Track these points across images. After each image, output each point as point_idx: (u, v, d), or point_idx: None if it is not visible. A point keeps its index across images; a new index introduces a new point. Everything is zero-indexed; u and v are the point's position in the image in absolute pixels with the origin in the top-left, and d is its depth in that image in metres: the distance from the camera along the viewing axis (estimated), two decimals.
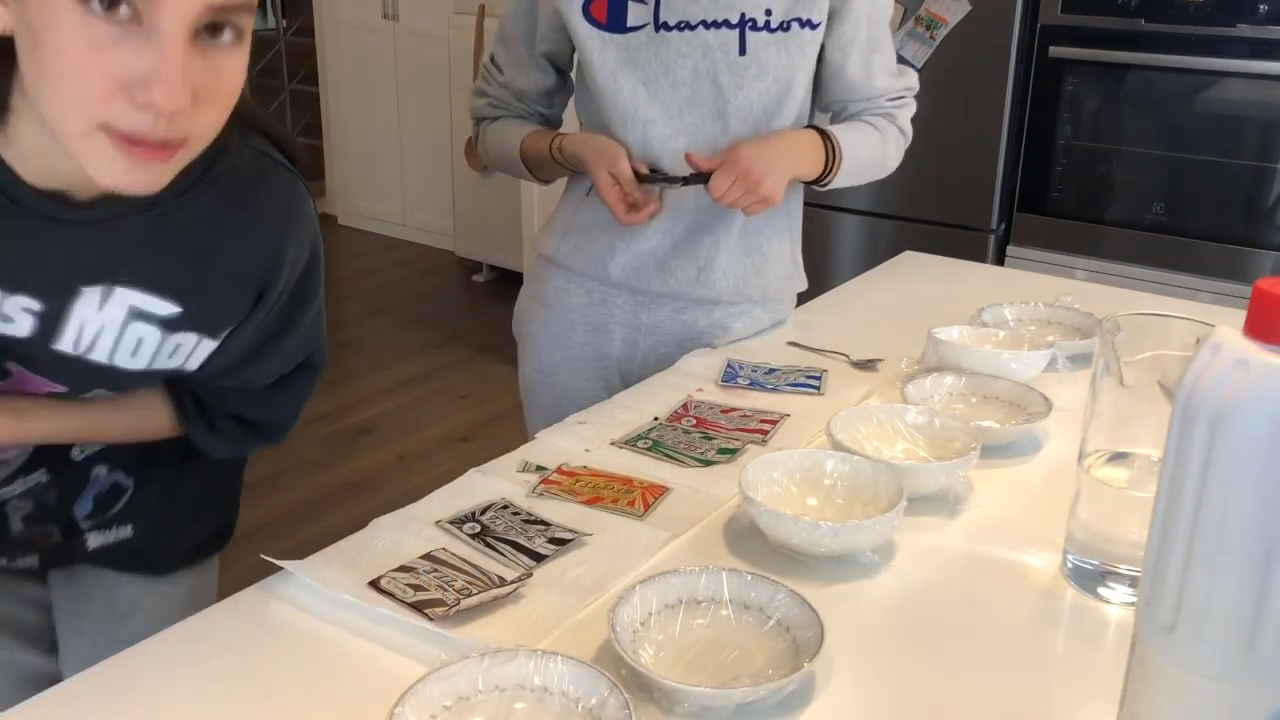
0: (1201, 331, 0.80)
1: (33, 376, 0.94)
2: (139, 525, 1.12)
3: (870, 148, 1.47)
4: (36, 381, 0.95)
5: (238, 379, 1.04)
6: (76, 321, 0.90)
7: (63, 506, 1.07)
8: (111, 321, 0.91)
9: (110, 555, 1.12)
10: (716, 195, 1.32)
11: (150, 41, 0.71)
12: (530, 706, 0.74)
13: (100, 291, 0.90)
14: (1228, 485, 0.55)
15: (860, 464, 1.03)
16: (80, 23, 0.70)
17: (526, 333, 1.59)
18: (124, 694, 0.79)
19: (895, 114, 1.50)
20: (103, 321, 0.91)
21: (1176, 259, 2.59)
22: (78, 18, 0.70)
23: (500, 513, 1.02)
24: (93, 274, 0.89)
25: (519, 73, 1.49)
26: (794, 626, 0.82)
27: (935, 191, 2.78)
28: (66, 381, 0.96)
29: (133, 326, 0.92)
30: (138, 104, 0.72)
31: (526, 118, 1.52)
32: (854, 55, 1.43)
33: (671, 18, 1.35)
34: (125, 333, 0.92)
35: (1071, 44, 2.59)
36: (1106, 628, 0.88)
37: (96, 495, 1.09)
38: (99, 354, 0.93)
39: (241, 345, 0.99)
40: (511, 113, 1.52)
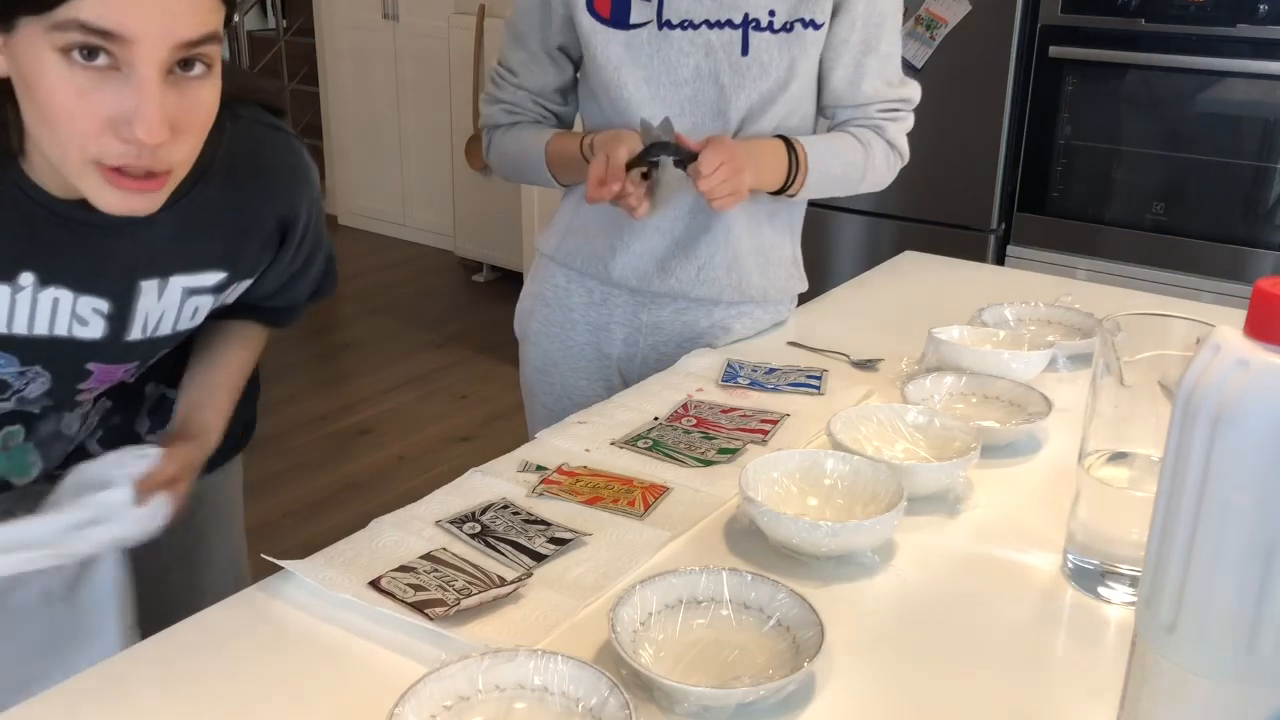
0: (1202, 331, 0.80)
1: (108, 367, 1.04)
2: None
3: (846, 160, 1.43)
4: (112, 370, 1.05)
5: (279, 299, 1.16)
6: (141, 315, 1.01)
7: (127, 426, 1.18)
8: (171, 305, 1.02)
9: None
10: (706, 172, 1.27)
11: (129, 83, 0.79)
12: (530, 706, 0.74)
13: (157, 285, 0.99)
14: (1228, 485, 0.55)
15: (860, 464, 1.03)
16: (65, 72, 0.78)
17: (527, 331, 1.59)
18: (124, 693, 0.79)
19: (885, 126, 1.45)
20: (163, 308, 1.01)
21: (1177, 259, 2.59)
22: (63, 68, 0.78)
23: (500, 513, 1.03)
24: (145, 269, 0.98)
25: (533, 71, 1.46)
26: (794, 626, 0.82)
27: (935, 191, 2.78)
28: (137, 358, 1.06)
29: (190, 301, 1.03)
30: (123, 140, 0.80)
31: (541, 121, 1.50)
32: (844, 57, 1.40)
33: (674, 16, 1.34)
34: (184, 309, 1.03)
35: (1071, 44, 2.59)
36: (1107, 628, 0.88)
37: (150, 410, 1.20)
38: (164, 331, 1.04)
39: (278, 276, 1.11)
40: (527, 117, 1.49)
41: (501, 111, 1.50)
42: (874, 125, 1.45)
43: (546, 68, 1.46)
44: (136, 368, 1.09)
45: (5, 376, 1.00)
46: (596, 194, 1.30)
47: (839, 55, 1.40)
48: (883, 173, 1.48)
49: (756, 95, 1.37)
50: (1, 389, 1.01)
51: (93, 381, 1.05)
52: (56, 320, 0.97)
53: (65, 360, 1.01)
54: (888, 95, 1.44)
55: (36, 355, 0.99)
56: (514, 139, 1.49)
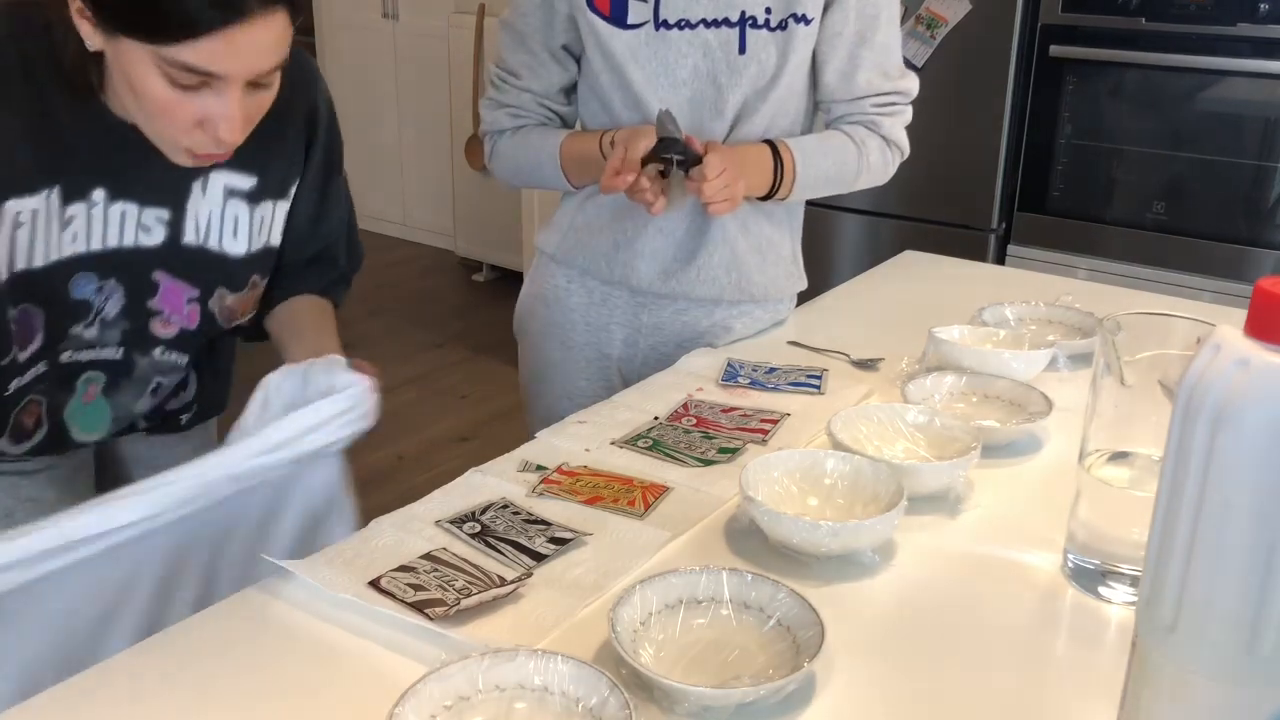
0: (1202, 331, 0.80)
1: (174, 281, 1.15)
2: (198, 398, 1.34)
3: (838, 159, 1.42)
4: (179, 287, 1.16)
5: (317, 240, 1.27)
6: (193, 213, 1.13)
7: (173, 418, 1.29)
8: (214, 203, 1.14)
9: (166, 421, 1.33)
10: (711, 176, 1.27)
11: (217, 97, 0.96)
12: (531, 706, 0.74)
13: (201, 181, 1.13)
14: (1228, 485, 0.55)
15: (861, 463, 1.03)
16: (164, 85, 0.94)
17: (527, 331, 1.59)
18: (125, 693, 0.79)
19: (880, 121, 1.43)
20: (210, 206, 1.14)
21: (1177, 258, 2.59)
22: (163, 82, 0.94)
23: (500, 512, 1.02)
24: (194, 170, 1.11)
25: (537, 72, 1.45)
26: (794, 626, 0.82)
27: (936, 191, 2.78)
28: (198, 282, 1.17)
29: (229, 205, 1.15)
30: (210, 137, 0.98)
31: (547, 123, 1.48)
32: (839, 49, 1.39)
33: (672, 16, 1.34)
34: (225, 213, 1.15)
35: (1072, 43, 2.59)
36: (1107, 627, 0.88)
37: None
38: (213, 240, 1.15)
39: (307, 202, 1.23)
40: (532, 120, 1.47)
41: (506, 115, 1.48)
42: (868, 121, 1.44)
43: (550, 67, 1.44)
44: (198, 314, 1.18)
45: (86, 296, 1.11)
46: (610, 183, 1.29)
47: (833, 48, 1.40)
48: (879, 169, 1.47)
49: (754, 94, 1.37)
50: (84, 311, 1.11)
51: (161, 302, 1.15)
52: (125, 231, 1.10)
53: (134, 271, 1.12)
54: (883, 87, 1.43)
55: (110, 268, 1.11)
56: (521, 142, 1.47)
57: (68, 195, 1.04)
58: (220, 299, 1.19)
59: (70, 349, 1.12)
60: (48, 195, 1.03)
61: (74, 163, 1.04)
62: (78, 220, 1.06)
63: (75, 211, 1.06)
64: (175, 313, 1.17)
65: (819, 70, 1.43)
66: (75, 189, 1.05)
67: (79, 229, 1.07)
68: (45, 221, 1.04)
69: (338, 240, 1.31)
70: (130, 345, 1.16)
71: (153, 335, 1.17)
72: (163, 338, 1.18)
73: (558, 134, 1.45)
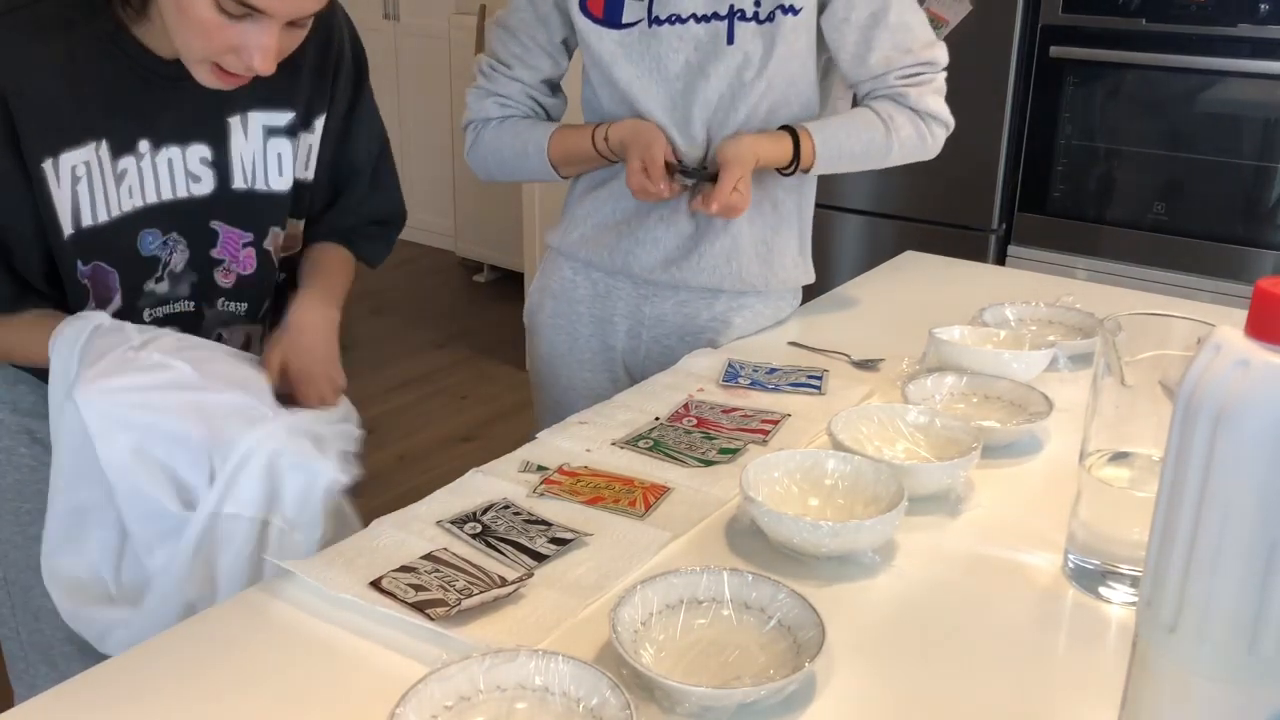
0: (1203, 331, 0.80)
1: (230, 229, 1.20)
2: None
3: (864, 136, 1.42)
4: (234, 235, 1.20)
5: (344, 167, 1.30)
6: (236, 155, 1.17)
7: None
8: (257, 145, 1.19)
9: None
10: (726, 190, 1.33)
11: (257, 28, 1.00)
12: (531, 706, 0.74)
13: (239, 120, 1.16)
14: (1229, 485, 0.55)
15: (861, 464, 1.03)
16: (211, 10, 0.98)
17: (536, 323, 1.61)
18: (126, 693, 0.79)
19: (906, 93, 1.42)
20: (253, 149, 1.18)
21: (1177, 259, 2.59)
22: (211, 8, 0.98)
23: (501, 513, 1.03)
24: (229, 106, 1.15)
25: (527, 63, 1.48)
26: (795, 626, 0.82)
27: (936, 191, 2.78)
28: (251, 225, 1.21)
29: (271, 143, 1.20)
30: (242, 62, 1.02)
31: (532, 115, 1.51)
32: (848, 36, 1.40)
33: (663, 11, 1.37)
34: (268, 152, 1.20)
35: (1072, 44, 2.59)
36: (1108, 628, 0.88)
37: None
38: (259, 181, 1.20)
39: (335, 126, 1.26)
40: (519, 111, 1.50)
41: (494, 104, 1.50)
42: (894, 94, 1.43)
43: (541, 60, 1.48)
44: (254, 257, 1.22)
45: (155, 251, 1.15)
46: (643, 191, 1.38)
47: (842, 35, 1.40)
48: (915, 144, 1.46)
49: (738, 82, 1.38)
50: (154, 267, 1.16)
51: (222, 250, 1.20)
52: (176, 180, 1.14)
53: (193, 223, 1.17)
54: (904, 61, 1.41)
55: (171, 221, 1.15)
56: (508, 133, 1.49)
57: (116, 149, 1.08)
58: (274, 239, 1.24)
59: (148, 305, 1.17)
60: (96, 148, 1.07)
61: (113, 110, 1.07)
62: (130, 174, 1.11)
63: (126, 165, 1.10)
64: (233, 260, 1.21)
65: (835, 57, 1.44)
66: (122, 141, 1.09)
67: (133, 182, 1.11)
68: (100, 175, 1.08)
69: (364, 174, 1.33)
70: (199, 297, 1.21)
71: (217, 285, 1.21)
72: (224, 287, 1.22)
73: (546, 126, 1.49)
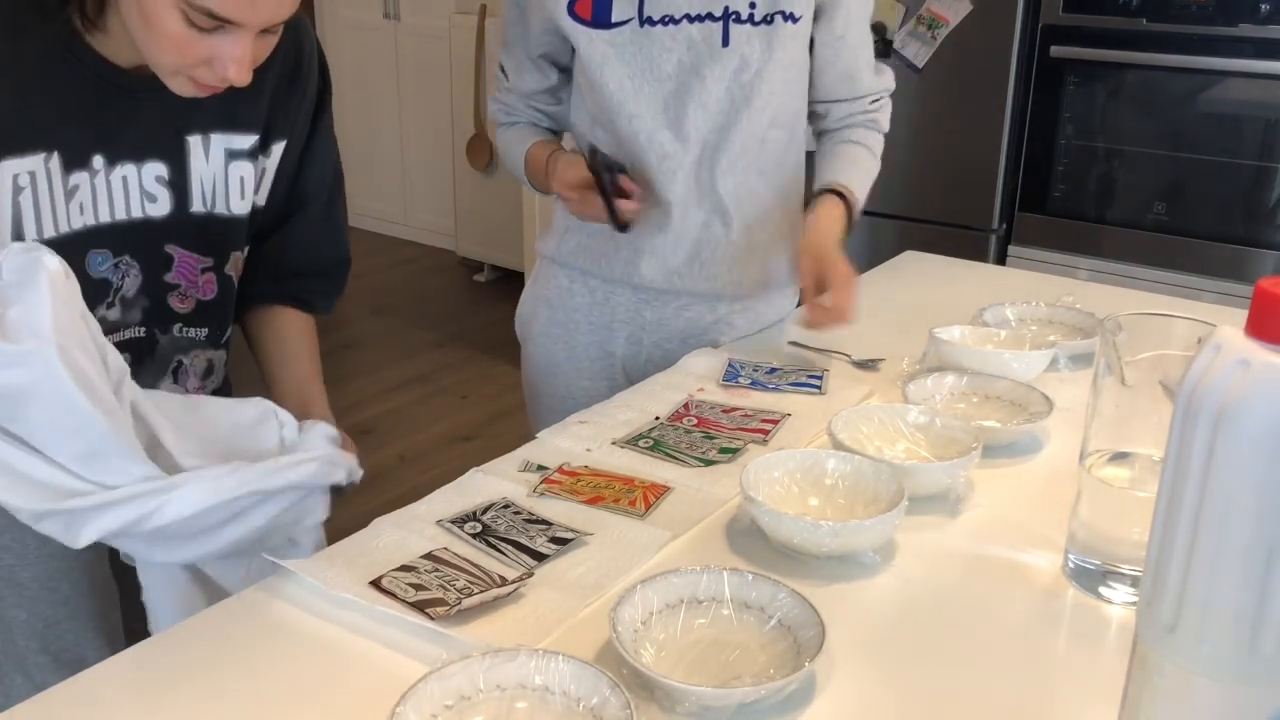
0: (1203, 331, 0.80)
1: (186, 254, 1.16)
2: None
3: (870, 171, 1.51)
4: (191, 260, 1.17)
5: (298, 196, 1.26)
6: (196, 177, 1.14)
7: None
8: (218, 167, 1.15)
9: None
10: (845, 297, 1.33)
11: (230, 39, 0.97)
12: (532, 706, 0.74)
13: (201, 142, 1.13)
14: (1229, 485, 0.55)
15: (861, 464, 1.03)
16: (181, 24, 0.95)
17: (530, 333, 1.59)
18: (126, 693, 0.79)
19: (879, 118, 1.52)
20: (213, 171, 1.15)
21: (1178, 259, 2.59)
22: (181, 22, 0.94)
23: (502, 512, 1.03)
24: (189, 125, 1.12)
25: (521, 76, 1.52)
26: (795, 626, 0.82)
27: (937, 191, 2.78)
28: (211, 250, 1.18)
29: (232, 167, 1.16)
30: (216, 74, 0.99)
31: (536, 123, 1.55)
32: (844, 52, 1.44)
33: (655, 12, 1.36)
34: (229, 175, 1.16)
35: (1073, 44, 2.59)
36: (1108, 628, 0.88)
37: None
38: (220, 205, 1.16)
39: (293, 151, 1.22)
40: (521, 118, 1.55)
41: (500, 111, 1.57)
42: (869, 120, 1.51)
43: (532, 73, 1.50)
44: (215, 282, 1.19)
45: (104, 274, 1.11)
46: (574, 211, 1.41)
47: (839, 50, 1.44)
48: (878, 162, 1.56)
49: (737, 87, 1.38)
50: (104, 291, 1.12)
51: (177, 275, 1.16)
52: (130, 200, 1.11)
53: (146, 246, 1.13)
54: (877, 86, 1.51)
55: (123, 243, 1.11)
56: (507, 140, 1.56)
57: (68, 162, 1.05)
58: (235, 263, 1.21)
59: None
60: (46, 159, 1.03)
61: (66, 120, 1.04)
62: (82, 190, 1.07)
63: (78, 180, 1.06)
64: (191, 285, 1.18)
65: (823, 70, 1.46)
66: (75, 155, 1.05)
67: (85, 199, 1.07)
68: (48, 188, 1.04)
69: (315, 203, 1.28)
70: (151, 323, 1.17)
71: (171, 310, 1.17)
72: (180, 313, 1.18)
73: (528, 140, 1.52)
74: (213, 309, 1.21)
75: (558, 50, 1.47)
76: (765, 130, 1.42)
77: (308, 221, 1.28)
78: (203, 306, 1.20)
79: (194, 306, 1.19)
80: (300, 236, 1.28)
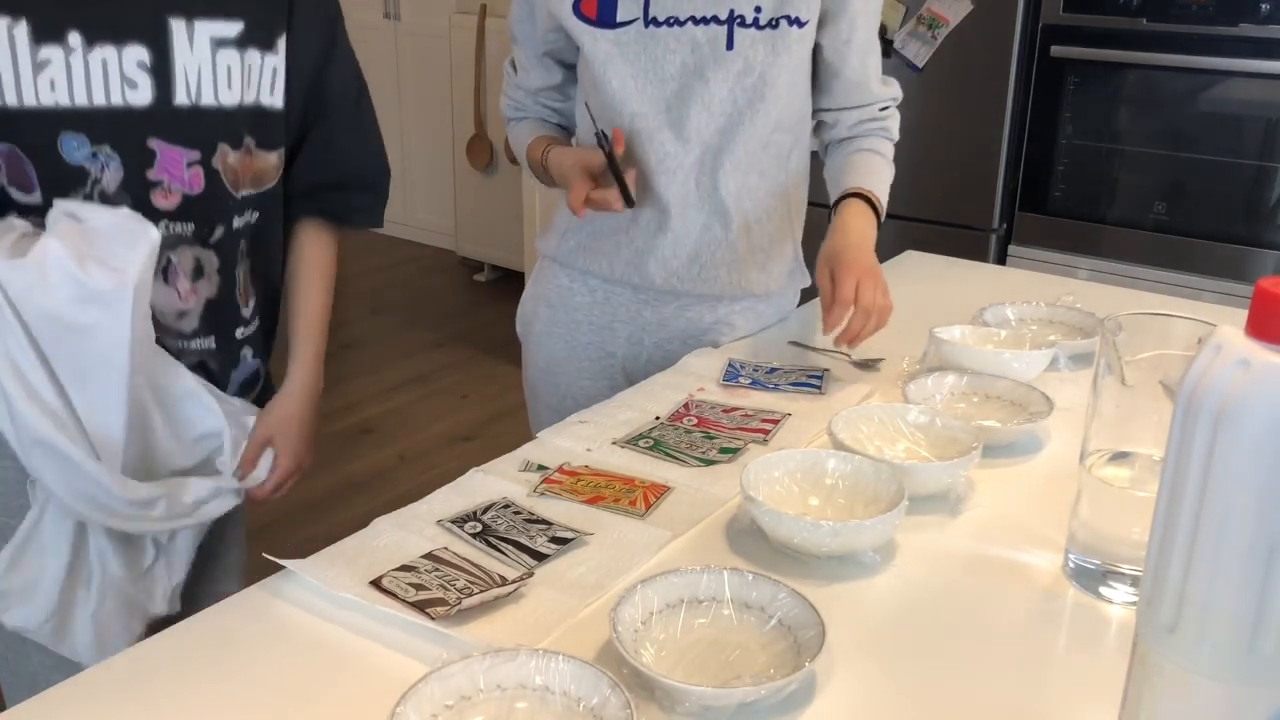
0: (1203, 331, 0.80)
1: (170, 148, 1.14)
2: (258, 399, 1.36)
3: (887, 178, 1.51)
4: (175, 154, 1.14)
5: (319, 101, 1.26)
6: (180, 66, 1.12)
7: (220, 378, 1.27)
8: (204, 56, 1.13)
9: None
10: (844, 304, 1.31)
11: None
12: (532, 706, 0.74)
13: (185, 27, 1.11)
14: (1229, 485, 0.55)
15: (862, 463, 1.03)
16: None
17: (530, 332, 1.59)
18: (127, 692, 0.79)
19: (890, 126, 1.52)
20: (198, 61, 1.13)
21: (1178, 259, 2.59)
22: None
23: (502, 512, 1.03)
24: (169, 5, 1.10)
25: (529, 72, 1.53)
26: (795, 626, 0.82)
27: (937, 191, 2.78)
28: (197, 144, 1.15)
29: (220, 55, 1.14)
30: None
31: (545, 118, 1.57)
32: (850, 57, 1.44)
33: (661, 13, 1.36)
34: (217, 65, 1.14)
35: (1073, 43, 2.59)
36: (1108, 627, 0.88)
37: (243, 381, 1.31)
38: (206, 95, 1.14)
39: (305, 54, 1.22)
40: (529, 114, 1.57)
41: (509, 106, 1.59)
42: (881, 126, 1.51)
43: (538, 70, 1.52)
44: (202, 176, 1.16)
45: (81, 161, 1.10)
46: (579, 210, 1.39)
47: (845, 55, 1.44)
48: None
49: (740, 90, 1.38)
50: (81, 179, 1.10)
51: (160, 171, 1.14)
52: (110, 85, 1.08)
53: (128, 138, 1.11)
54: (885, 94, 1.51)
55: (101, 131, 1.09)
56: (516, 134, 1.57)
57: (38, 33, 1.04)
58: (223, 157, 1.18)
59: None
60: (11, 25, 1.02)
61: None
62: (54, 66, 1.06)
63: (50, 55, 1.05)
64: (176, 180, 1.16)
65: (832, 76, 1.46)
66: (46, 27, 1.04)
67: (57, 76, 1.06)
68: (11, 55, 1.03)
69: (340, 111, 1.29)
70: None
71: (155, 208, 1.15)
72: (165, 209, 1.16)
73: (530, 135, 1.54)
74: (199, 204, 1.17)
75: (563, 48, 1.47)
76: (769, 134, 1.42)
77: (336, 130, 1.29)
78: (189, 201, 1.17)
79: (180, 201, 1.16)
80: (331, 147, 1.29)
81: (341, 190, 1.32)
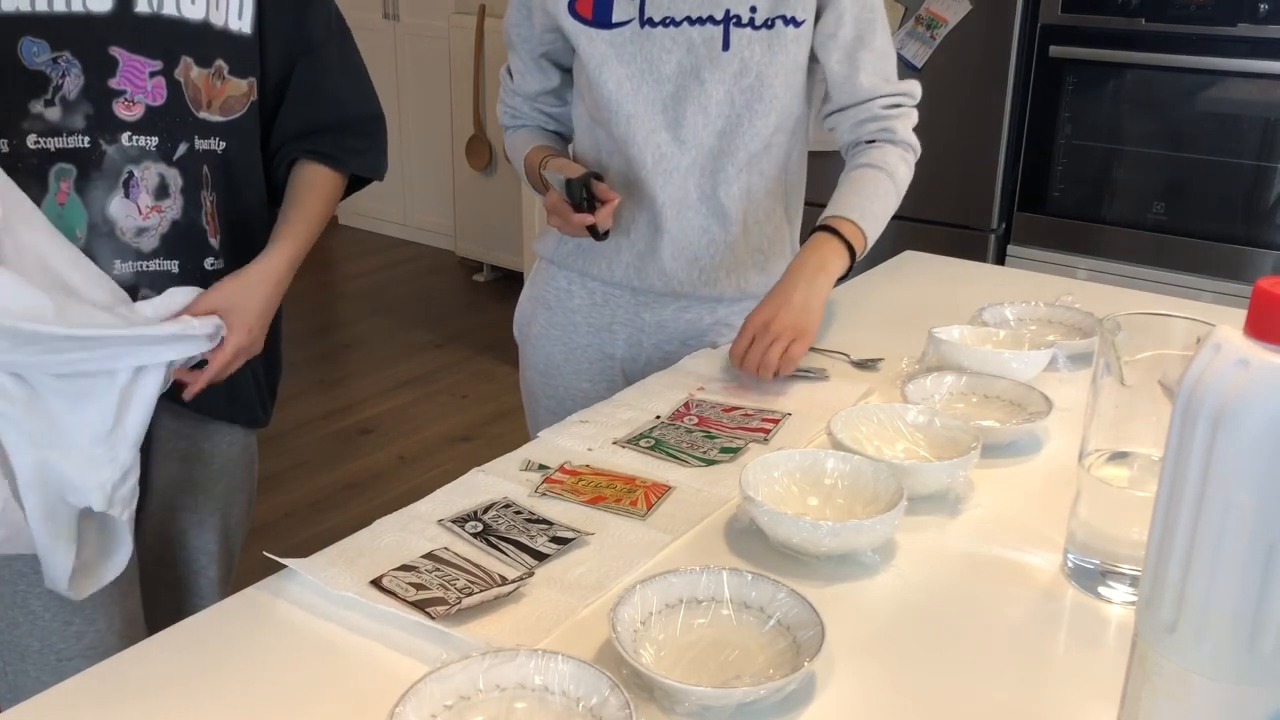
0: (1202, 331, 0.80)
1: (132, 57, 1.13)
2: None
3: (884, 197, 1.41)
4: (137, 63, 1.14)
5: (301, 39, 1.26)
6: None
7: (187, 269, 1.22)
8: None
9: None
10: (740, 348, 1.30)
11: None
12: (531, 706, 0.74)
13: None
14: (1228, 484, 0.56)
15: (861, 464, 1.03)
16: None
17: (528, 334, 1.59)
18: (126, 692, 0.79)
19: (894, 127, 1.43)
20: None
21: (1177, 258, 2.59)
22: None
23: (502, 512, 1.03)
24: None
25: (526, 77, 1.52)
26: (794, 626, 0.82)
27: (936, 191, 2.78)
28: (158, 53, 1.15)
29: None
30: None
31: (542, 125, 1.56)
32: (834, 51, 1.40)
33: (657, 13, 1.36)
34: None
35: (1072, 43, 2.59)
36: (1107, 627, 0.88)
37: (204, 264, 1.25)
38: (169, 5, 1.14)
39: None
40: (526, 121, 1.56)
41: (506, 114, 1.58)
42: (881, 127, 1.43)
43: (536, 75, 1.51)
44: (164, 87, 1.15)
45: (41, 66, 1.09)
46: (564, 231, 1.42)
47: (828, 51, 1.41)
48: (906, 178, 1.45)
49: (737, 91, 1.38)
50: (42, 85, 1.10)
51: (122, 80, 1.13)
52: None
53: (89, 45, 1.11)
54: (887, 89, 1.43)
55: (62, 37, 1.09)
56: (513, 142, 1.57)
57: None
58: (185, 70, 1.17)
59: (35, 132, 1.11)
60: None
61: None
62: None
63: None
64: (139, 91, 1.15)
65: (825, 76, 1.44)
66: None
67: None
68: None
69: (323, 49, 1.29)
70: (95, 131, 1.14)
71: (117, 118, 1.14)
72: (128, 120, 1.15)
73: (528, 144, 1.53)
74: (162, 115, 1.16)
75: (559, 50, 1.47)
76: (769, 135, 1.42)
77: (324, 69, 1.29)
78: (152, 112, 1.16)
79: (143, 113, 1.15)
80: (319, 86, 1.29)
81: (335, 133, 1.31)
